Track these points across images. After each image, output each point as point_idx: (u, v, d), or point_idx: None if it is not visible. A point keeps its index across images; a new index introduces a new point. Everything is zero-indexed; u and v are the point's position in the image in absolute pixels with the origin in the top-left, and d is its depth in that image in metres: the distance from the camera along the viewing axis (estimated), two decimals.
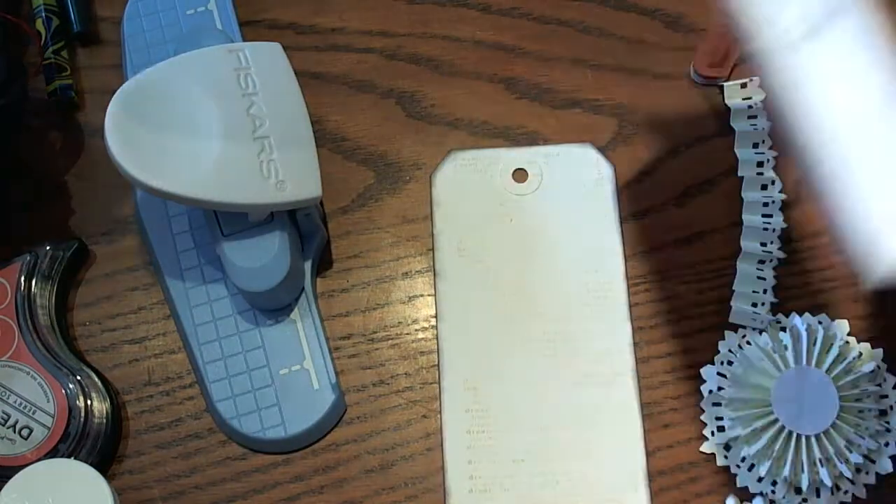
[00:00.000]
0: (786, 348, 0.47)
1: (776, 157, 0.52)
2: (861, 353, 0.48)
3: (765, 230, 0.50)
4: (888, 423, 0.47)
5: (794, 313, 0.49)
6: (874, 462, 0.47)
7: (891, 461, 0.47)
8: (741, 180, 0.52)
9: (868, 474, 0.47)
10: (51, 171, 0.54)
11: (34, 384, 0.48)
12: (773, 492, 0.46)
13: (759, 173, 0.51)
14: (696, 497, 0.47)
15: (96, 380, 0.49)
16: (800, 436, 0.46)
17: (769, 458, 0.46)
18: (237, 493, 0.48)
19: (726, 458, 0.47)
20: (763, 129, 0.52)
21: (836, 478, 0.46)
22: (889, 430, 0.47)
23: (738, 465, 0.47)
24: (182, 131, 0.46)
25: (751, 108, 0.52)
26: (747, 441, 0.46)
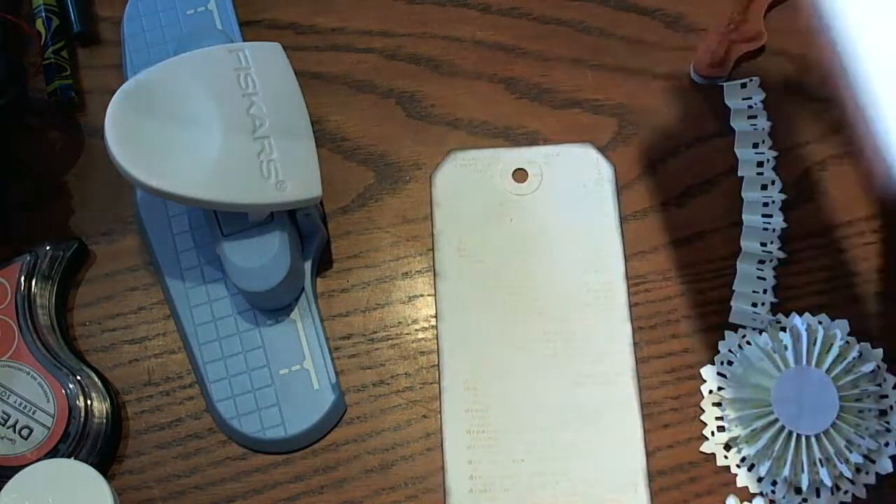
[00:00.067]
0: (786, 348, 0.47)
1: (776, 157, 0.52)
2: (861, 353, 0.48)
3: (765, 230, 0.50)
4: (888, 422, 0.47)
5: (794, 313, 0.49)
6: (874, 462, 0.47)
7: (891, 461, 0.47)
8: (741, 180, 0.52)
9: (868, 474, 0.46)
10: (51, 171, 0.54)
11: (34, 384, 0.48)
12: (773, 492, 0.46)
13: (759, 173, 0.51)
14: (696, 497, 0.47)
15: (96, 380, 0.49)
16: (800, 436, 0.46)
17: (769, 458, 0.46)
18: (237, 493, 0.48)
19: (726, 458, 0.47)
20: (763, 129, 0.52)
21: (836, 478, 0.46)
22: (889, 430, 0.47)
23: (738, 465, 0.47)
24: (182, 131, 0.46)
25: (751, 108, 0.52)
26: (747, 441, 0.47)
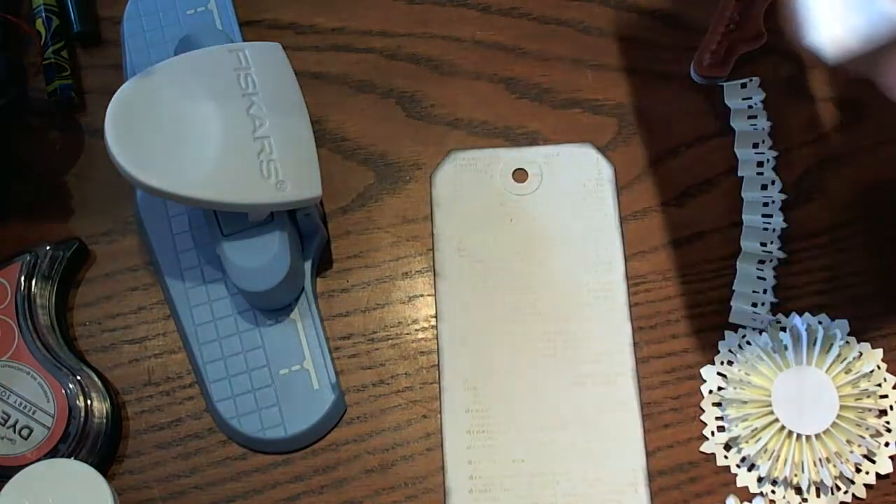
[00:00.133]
0: (786, 348, 0.47)
1: (776, 157, 0.52)
2: (861, 353, 0.48)
3: (765, 230, 0.50)
4: (888, 422, 0.47)
5: (794, 313, 0.49)
6: (874, 462, 0.47)
7: (891, 461, 0.47)
8: (741, 180, 0.52)
9: (868, 474, 0.46)
10: (51, 171, 0.54)
11: (34, 384, 0.48)
12: (773, 492, 0.46)
13: (759, 173, 0.51)
14: (696, 497, 0.47)
15: (96, 380, 0.49)
16: (800, 435, 0.46)
17: (769, 458, 0.46)
18: (237, 493, 0.48)
19: (726, 457, 0.47)
20: (763, 129, 0.52)
21: (836, 478, 0.46)
22: (889, 430, 0.47)
23: (738, 465, 0.47)
24: (182, 131, 0.46)
25: (751, 108, 0.52)
26: (747, 441, 0.47)
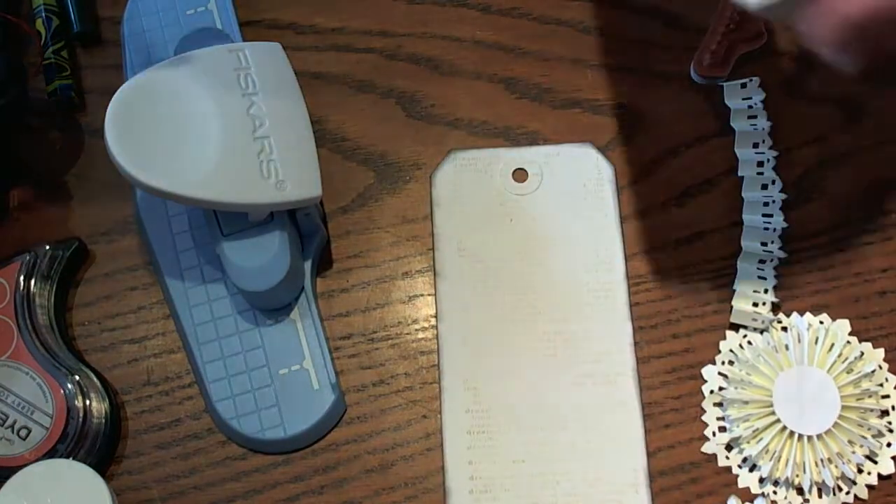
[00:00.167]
0: (787, 348, 0.47)
1: (776, 157, 0.51)
2: (862, 353, 0.48)
3: (765, 230, 0.50)
4: (890, 423, 0.47)
5: (795, 313, 0.49)
6: (876, 462, 0.46)
7: (893, 462, 0.46)
8: (741, 180, 0.52)
9: (870, 475, 0.46)
10: (51, 171, 0.54)
11: (33, 384, 0.48)
12: (774, 492, 0.46)
13: (759, 173, 0.51)
14: (698, 498, 0.47)
15: (95, 380, 0.49)
16: (801, 436, 0.45)
17: (771, 459, 0.46)
18: (237, 494, 0.48)
19: (728, 458, 0.47)
20: (763, 129, 0.52)
21: (837, 478, 0.46)
22: (891, 430, 0.47)
23: (739, 466, 0.47)
24: (182, 131, 0.46)
25: (751, 108, 0.52)
26: (749, 441, 0.46)
